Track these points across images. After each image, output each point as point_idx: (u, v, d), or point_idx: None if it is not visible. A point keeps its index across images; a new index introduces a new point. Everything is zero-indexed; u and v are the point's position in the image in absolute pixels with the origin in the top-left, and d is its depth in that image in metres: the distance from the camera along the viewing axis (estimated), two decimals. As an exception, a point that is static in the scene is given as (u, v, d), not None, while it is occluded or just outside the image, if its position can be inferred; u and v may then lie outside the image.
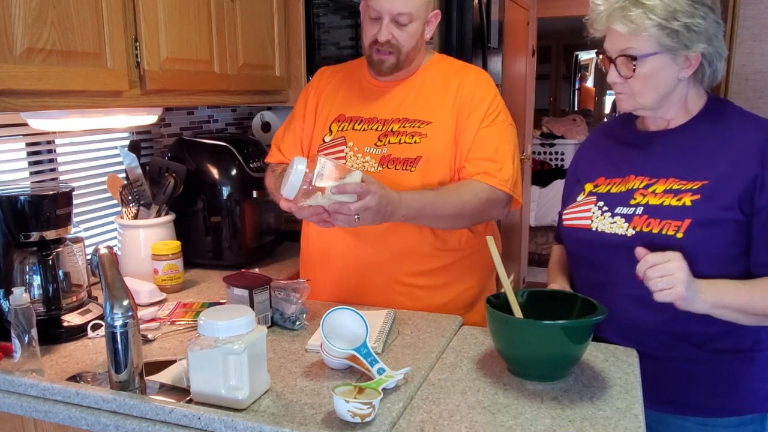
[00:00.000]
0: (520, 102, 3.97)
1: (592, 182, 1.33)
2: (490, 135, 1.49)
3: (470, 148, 1.48)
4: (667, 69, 1.17)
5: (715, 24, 1.16)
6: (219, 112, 2.45)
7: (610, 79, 1.21)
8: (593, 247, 1.26)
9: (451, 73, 1.56)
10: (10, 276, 1.35)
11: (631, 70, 1.17)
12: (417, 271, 1.51)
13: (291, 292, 1.40)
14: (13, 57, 1.16)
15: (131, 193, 1.80)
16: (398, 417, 1.00)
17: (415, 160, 1.48)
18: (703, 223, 1.14)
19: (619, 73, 1.19)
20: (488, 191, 1.45)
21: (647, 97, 1.20)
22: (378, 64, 1.50)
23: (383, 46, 1.46)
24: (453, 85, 1.53)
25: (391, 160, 1.49)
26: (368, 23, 1.48)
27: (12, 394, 1.08)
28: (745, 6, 3.04)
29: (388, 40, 1.45)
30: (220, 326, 1.02)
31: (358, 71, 1.63)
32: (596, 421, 0.98)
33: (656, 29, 1.13)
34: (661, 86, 1.19)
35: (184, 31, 1.64)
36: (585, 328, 1.09)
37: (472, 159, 1.48)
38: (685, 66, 1.18)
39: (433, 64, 1.58)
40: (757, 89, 3.13)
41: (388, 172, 1.48)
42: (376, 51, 1.48)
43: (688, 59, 1.17)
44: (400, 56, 1.49)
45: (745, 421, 1.24)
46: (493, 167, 1.46)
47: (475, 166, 1.47)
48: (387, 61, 1.49)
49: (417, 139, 1.49)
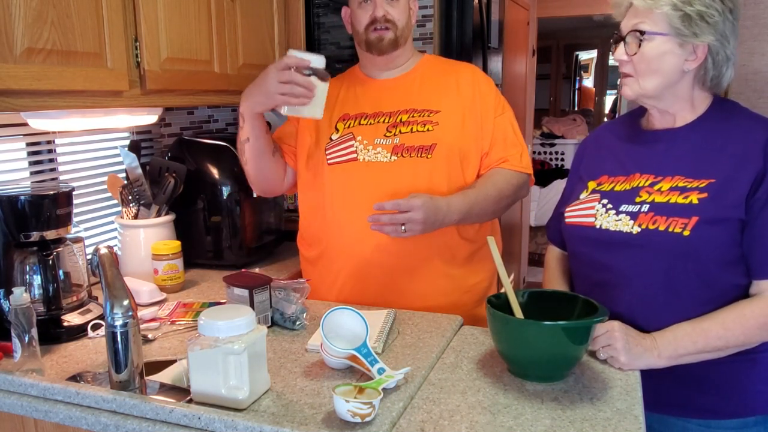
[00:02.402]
0: (520, 102, 3.97)
1: (595, 180, 1.33)
2: (504, 123, 1.58)
3: (492, 136, 1.56)
4: (672, 54, 1.17)
5: (731, 26, 1.16)
6: (219, 112, 2.46)
7: (616, 56, 1.22)
8: (596, 245, 1.26)
9: (445, 70, 1.62)
10: (11, 276, 1.35)
11: (637, 46, 1.18)
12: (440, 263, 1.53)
13: (291, 292, 1.41)
14: (13, 57, 1.16)
15: (131, 193, 1.80)
16: (398, 417, 1.00)
17: (430, 147, 1.50)
18: (710, 221, 1.14)
19: (626, 51, 1.20)
20: (517, 177, 1.56)
21: (650, 81, 1.20)
22: (377, 42, 1.53)
23: (380, 22, 1.51)
24: (451, 81, 1.58)
25: (405, 148, 1.50)
26: (359, 9, 1.53)
27: (12, 393, 1.08)
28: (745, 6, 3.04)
29: (384, 15, 1.51)
30: (220, 326, 1.02)
31: (351, 75, 1.67)
32: (596, 422, 0.98)
33: (670, 9, 1.14)
34: (665, 72, 1.19)
35: (184, 30, 1.64)
36: (585, 329, 1.09)
37: (495, 146, 1.56)
38: (690, 57, 1.18)
39: (425, 63, 1.64)
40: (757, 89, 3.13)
41: (404, 160, 1.50)
42: (373, 30, 1.52)
43: (695, 50, 1.17)
44: (397, 31, 1.53)
45: (747, 423, 1.23)
46: (515, 153, 1.56)
47: (499, 153, 1.56)
48: (386, 36, 1.52)
49: (429, 127, 1.52)
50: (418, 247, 1.49)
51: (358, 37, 1.57)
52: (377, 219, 1.36)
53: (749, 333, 1.14)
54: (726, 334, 1.13)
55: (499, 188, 1.52)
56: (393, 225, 1.36)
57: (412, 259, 1.51)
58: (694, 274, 1.16)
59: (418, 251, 1.50)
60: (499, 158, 1.55)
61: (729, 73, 1.21)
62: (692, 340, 1.14)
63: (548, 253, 1.51)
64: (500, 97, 1.61)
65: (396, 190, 1.46)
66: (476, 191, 1.49)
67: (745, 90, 3.12)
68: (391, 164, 1.49)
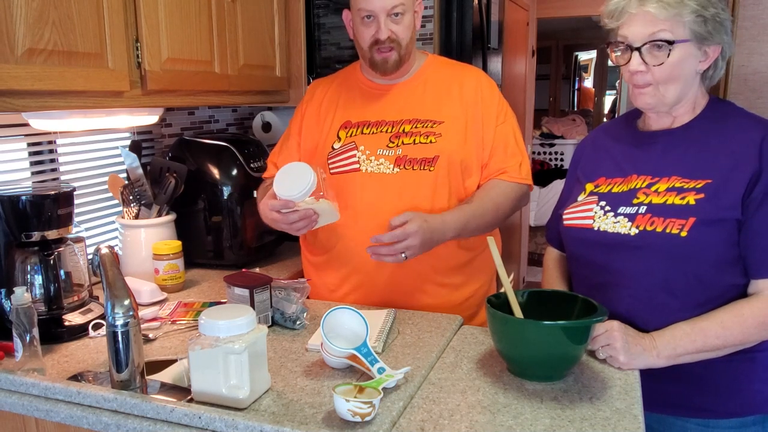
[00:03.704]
0: (520, 102, 3.97)
1: (593, 182, 1.33)
2: (505, 132, 1.56)
3: (492, 145, 1.54)
4: (691, 59, 1.17)
5: (729, 20, 1.17)
6: (220, 113, 2.46)
7: (633, 67, 1.17)
8: (595, 247, 1.27)
9: (450, 73, 1.59)
10: (12, 275, 1.35)
11: (664, 56, 1.15)
12: (442, 269, 1.53)
13: (291, 291, 1.41)
14: (14, 57, 1.17)
15: (132, 193, 1.81)
16: (398, 416, 1.01)
17: (433, 160, 1.49)
18: (707, 222, 1.14)
19: (645, 60, 1.16)
20: (516, 189, 1.55)
21: (671, 88, 1.18)
22: (382, 64, 1.51)
23: (384, 43, 1.48)
24: (455, 86, 1.56)
25: (408, 160, 1.50)
26: (362, 26, 1.50)
27: (13, 393, 1.08)
28: (744, 6, 3.04)
29: (388, 36, 1.48)
30: (220, 326, 1.02)
31: (353, 77, 1.64)
32: (596, 421, 0.99)
33: (693, 15, 1.12)
34: (684, 77, 1.18)
35: (185, 31, 1.64)
36: (585, 329, 1.09)
37: (494, 157, 1.54)
38: (703, 58, 1.18)
39: (429, 65, 1.61)
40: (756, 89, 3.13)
41: (406, 173, 1.49)
42: (377, 51, 1.50)
43: (707, 52, 1.17)
44: (401, 51, 1.51)
45: (746, 422, 1.23)
46: (514, 163, 1.54)
47: (498, 163, 1.54)
48: (390, 58, 1.50)
49: (432, 139, 1.51)
50: (419, 260, 1.49)
51: (361, 51, 1.55)
52: (376, 250, 1.36)
53: (748, 332, 1.14)
54: (725, 333, 1.14)
55: (496, 203, 1.51)
56: (393, 255, 1.36)
57: (413, 271, 1.51)
58: (692, 275, 1.16)
59: (419, 264, 1.49)
60: (498, 169, 1.53)
61: (724, 65, 1.22)
62: (691, 340, 1.14)
63: (547, 254, 1.52)
64: (503, 105, 1.59)
65: (398, 202, 1.46)
66: (472, 207, 1.48)
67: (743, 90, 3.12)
68: (394, 176, 1.49)
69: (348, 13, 1.57)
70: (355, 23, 1.53)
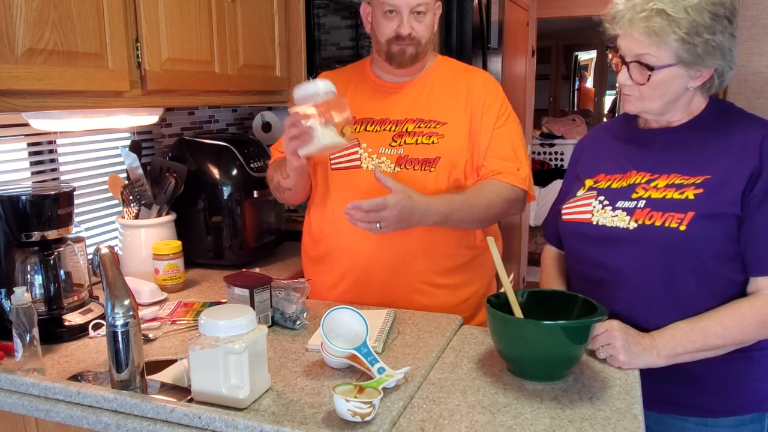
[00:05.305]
0: (520, 102, 3.97)
1: (592, 178, 1.34)
2: (504, 135, 1.54)
3: (488, 147, 1.52)
4: (679, 79, 1.17)
5: (731, 38, 1.15)
6: (220, 113, 2.46)
7: (620, 80, 1.21)
8: (593, 241, 1.27)
9: (458, 75, 1.60)
10: (12, 275, 1.35)
11: (645, 78, 1.17)
12: (441, 270, 1.53)
13: (291, 291, 1.41)
14: (14, 57, 1.17)
15: (132, 193, 1.81)
16: (398, 416, 1.01)
17: (434, 161, 1.49)
18: (706, 216, 1.15)
19: (631, 77, 1.19)
20: (509, 190, 1.51)
21: (655, 102, 1.20)
22: (399, 55, 1.52)
23: (404, 39, 1.49)
24: (462, 88, 1.56)
25: (409, 160, 1.50)
26: (384, 19, 1.51)
27: (13, 393, 1.08)
28: (744, 7, 3.05)
29: (409, 33, 1.49)
30: (220, 326, 1.02)
31: (361, 73, 1.65)
32: (596, 421, 0.99)
33: (678, 43, 1.12)
34: (671, 94, 1.19)
35: (185, 31, 1.64)
36: (585, 329, 1.09)
37: (490, 159, 1.52)
38: (696, 77, 1.18)
39: (439, 65, 1.62)
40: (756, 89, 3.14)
41: (406, 172, 1.49)
42: (396, 43, 1.51)
43: (701, 72, 1.17)
44: (419, 48, 1.52)
45: (744, 420, 1.24)
46: (511, 167, 1.52)
47: (494, 165, 1.52)
48: (407, 50, 1.51)
49: (434, 140, 1.51)
50: (418, 260, 1.49)
51: (378, 45, 1.55)
52: (353, 214, 1.34)
53: (747, 331, 1.14)
54: (724, 332, 1.14)
55: (488, 199, 1.49)
56: (367, 222, 1.34)
57: (411, 271, 1.50)
58: (691, 270, 1.17)
59: (418, 264, 1.49)
60: (494, 170, 1.52)
61: (730, 75, 1.21)
62: (691, 339, 1.15)
63: (544, 252, 1.52)
64: (506, 109, 1.58)
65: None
66: (462, 198, 1.47)
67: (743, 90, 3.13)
68: (395, 175, 1.48)
69: (366, 7, 1.57)
70: (375, 17, 1.53)
